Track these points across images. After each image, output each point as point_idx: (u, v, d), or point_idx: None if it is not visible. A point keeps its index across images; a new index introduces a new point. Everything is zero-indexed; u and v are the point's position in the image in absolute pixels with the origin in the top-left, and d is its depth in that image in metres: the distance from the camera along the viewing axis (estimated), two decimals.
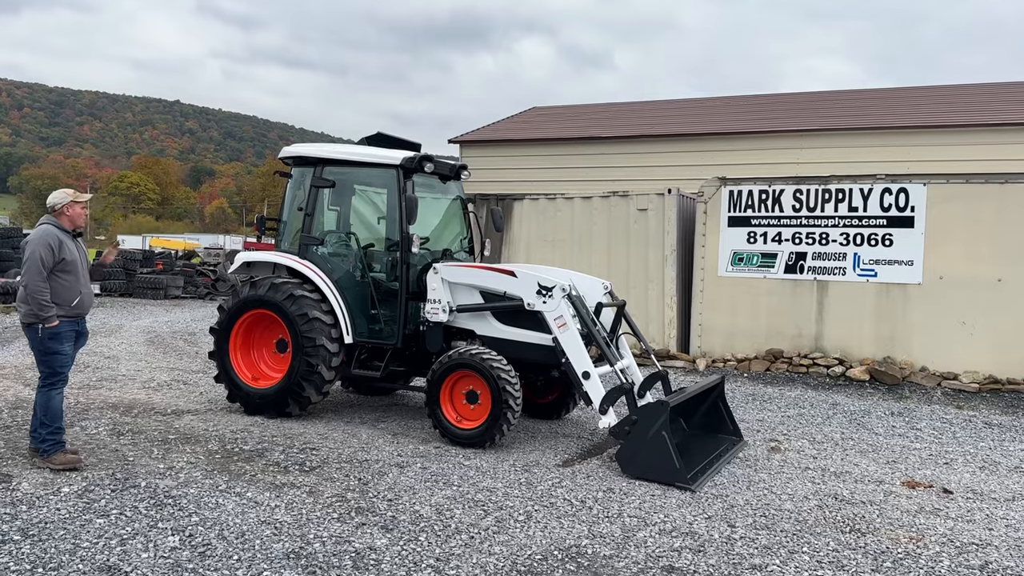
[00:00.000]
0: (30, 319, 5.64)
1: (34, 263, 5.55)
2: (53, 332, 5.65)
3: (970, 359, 10.53)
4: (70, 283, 5.73)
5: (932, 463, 7.03)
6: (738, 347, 12.02)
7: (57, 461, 5.69)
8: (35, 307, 5.58)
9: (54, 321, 5.62)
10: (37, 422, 5.78)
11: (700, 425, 7.34)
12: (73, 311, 5.77)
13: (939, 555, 4.77)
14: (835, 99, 20.79)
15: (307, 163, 8.00)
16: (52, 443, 5.74)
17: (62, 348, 5.74)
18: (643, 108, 23.06)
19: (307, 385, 7.40)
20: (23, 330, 5.81)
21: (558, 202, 13.69)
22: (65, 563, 4.14)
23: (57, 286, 5.65)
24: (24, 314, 5.68)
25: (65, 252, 5.68)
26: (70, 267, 5.73)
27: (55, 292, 5.64)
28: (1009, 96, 18.45)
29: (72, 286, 5.74)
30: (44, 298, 5.56)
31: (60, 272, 5.67)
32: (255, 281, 7.80)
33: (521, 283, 7.04)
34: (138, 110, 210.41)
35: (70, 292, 5.73)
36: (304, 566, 4.24)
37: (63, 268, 5.68)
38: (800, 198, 11.52)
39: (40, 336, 5.65)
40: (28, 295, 5.58)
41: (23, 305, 5.67)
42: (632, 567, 4.42)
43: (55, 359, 5.73)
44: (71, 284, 5.74)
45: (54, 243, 5.62)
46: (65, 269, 5.70)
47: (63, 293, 5.69)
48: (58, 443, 5.77)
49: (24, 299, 5.65)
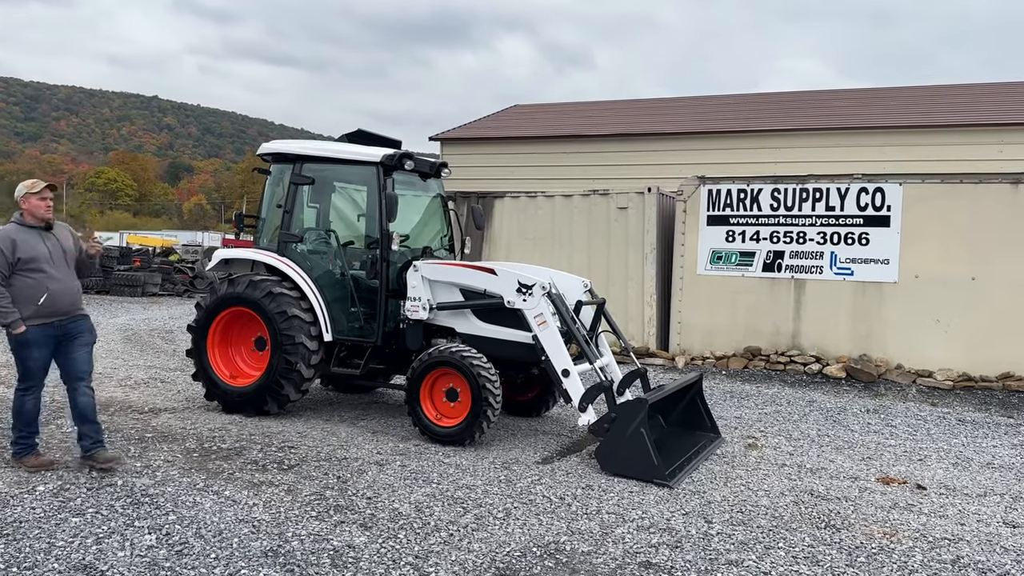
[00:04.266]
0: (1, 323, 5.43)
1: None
2: (22, 339, 5.43)
3: (944, 357, 10.68)
4: (36, 280, 5.42)
5: (906, 459, 7.13)
6: (717, 345, 12.10)
7: (29, 464, 5.63)
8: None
9: (19, 327, 5.37)
10: (11, 423, 5.73)
11: (678, 422, 7.39)
12: (43, 310, 5.44)
13: (912, 550, 4.84)
14: (813, 99, 20.96)
15: (286, 160, 7.96)
16: (23, 446, 5.66)
17: (31, 354, 5.49)
18: (624, 107, 23.13)
19: (286, 383, 7.37)
20: None
21: (539, 200, 13.71)
22: (40, 562, 4.11)
23: (22, 285, 5.38)
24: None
25: (22, 251, 5.38)
26: (32, 264, 5.41)
27: (20, 292, 5.37)
28: (984, 97, 18.69)
29: (37, 283, 5.42)
30: (3, 304, 5.33)
31: (22, 271, 5.39)
32: (233, 278, 7.75)
33: (501, 281, 7.05)
34: (115, 105, 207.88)
35: (34, 290, 5.41)
36: (282, 564, 4.23)
37: (24, 267, 5.39)
38: (778, 197, 11.62)
39: (12, 341, 5.49)
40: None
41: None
42: (610, 563, 4.45)
43: (26, 364, 5.54)
44: (36, 281, 5.42)
45: (5, 245, 5.36)
46: (27, 267, 5.40)
47: (28, 292, 5.40)
48: (29, 446, 5.68)
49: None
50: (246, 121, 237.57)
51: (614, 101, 24.60)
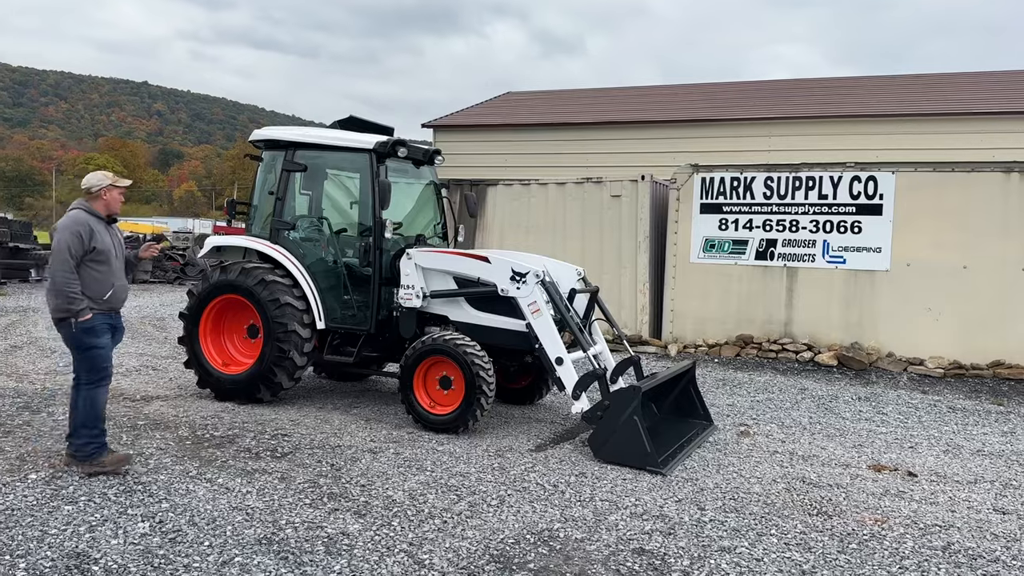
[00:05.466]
0: (61, 314, 5.18)
1: (61, 253, 5.11)
2: (87, 326, 5.20)
3: (936, 345, 10.74)
4: (103, 274, 5.29)
5: (897, 447, 7.17)
6: (709, 333, 12.13)
7: (108, 463, 5.30)
8: (64, 301, 5.13)
9: (87, 314, 5.17)
10: (78, 424, 5.30)
11: (671, 410, 7.41)
12: (105, 305, 5.32)
13: (903, 536, 4.87)
14: (807, 87, 20.96)
15: (278, 147, 7.91)
16: (97, 445, 5.31)
17: (99, 342, 5.28)
18: (617, 94, 23.07)
19: (279, 371, 7.35)
20: (55, 327, 5.34)
21: (532, 188, 13.69)
22: (33, 550, 4.09)
23: (88, 278, 5.21)
24: (54, 309, 5.21)
25: (97, 240, 5.21)
26: (103, 257, 5.26)
27: (85, 284, 5.18)
28: (975, 85, 18.72)
29: (104, 278, 5.30)
30: (73, 290, 5.11)
31: (91, 262, 5.22)
32: (225, 266, 7.72)
33: (495, 269, 7.04)
34: (104, 91, 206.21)
35: (102, 285, 5.28)
36: (276, 552, 4.23)
37: (95, 258, 5.23)
38: (771, 185, 11.63)
39: (74, 332, 5.19)
40: (56, 288, 5.13)
41: (53, 299, 5.19)
42: (603, 550, 4.46)
43: (94, 354, 5.27)
44: (103, 276, 5.29)
45: (84, 231, 5.16)
46: (97, 259, 5.24)
47: (94, 286, 5.24)
48: (103, 444, 5.36)
49: (53, 292, 5.18)
50: (237, 107, 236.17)
51: (607, 88, 24.54)
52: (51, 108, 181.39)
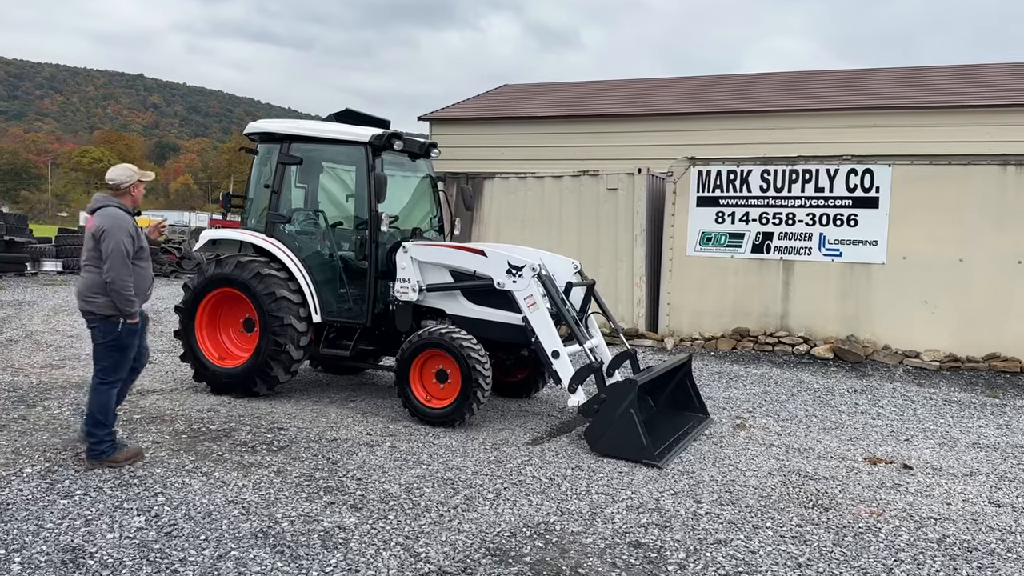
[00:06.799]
0: (108, 311, 5.21)
1: (119, 254, 5.14)
2: (134, 328, 5.32)
3: (931, 338, 10.75)
4: (144, 271, 5.40)
5: (893, 440, 7.18)
6: (706, 326, 12.14)
7: (122, 458, 5.34)
8: (119, 302, 5.18)
9: (137, 316, 5.28)
10: (92, 423, 5.32)
11: (667, 403, 7.42)
12: (144, 299, 5.46)
13: (899, 529, 4.89)
14: (803, 80, 20.95)
15: (274, 139, 7.88)
16: (109, 443, 5.34)
17: (132, 343, 5.39)
18: (613, 87, 23.05)
19: (275, 364, 7.34)
20: (91, 322, 5.31)
21: (528, 181, 13.67)
22: (28, 544, 4.09)
23: (136, 276, 5.29)
24: (101, 305, 5.22)
25: (140, 238, 5.32)
26: (144, 254, 5.38)
27: (134, 283, 5.27)
28: (973, 78, 18.71)
29: (146, 273, 5.44)
30: (130, 293, 5.19)
31: (136, 260, 5.31)
32: (221, 259, 7.70)
33: (491, 262, 7.03)
34: (100, 84, 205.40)
35: (144, 280, 5.42)
36: (272, 545, 4.23)
37: (139, 256, 5.33)
38: (768, 178, 11.62)
39: (119, 332, 5.26)
40: (117, 290, 5.16)
41: (99, 297, 5.20)
42: (600, 543, 4.47)
43: (128, 355, 5.38)
44: (144, 272, 5.42)
45: (132, 230, 5.22)
46: (141, 256, 5.34)
47: (139, 283, 5.34)
48: (114, 442, 5.40)
49: (101, 291, 5.20)
50: (233, 100, 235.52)
51: (603, 81, 24.52)
52: (46, 101, 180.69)
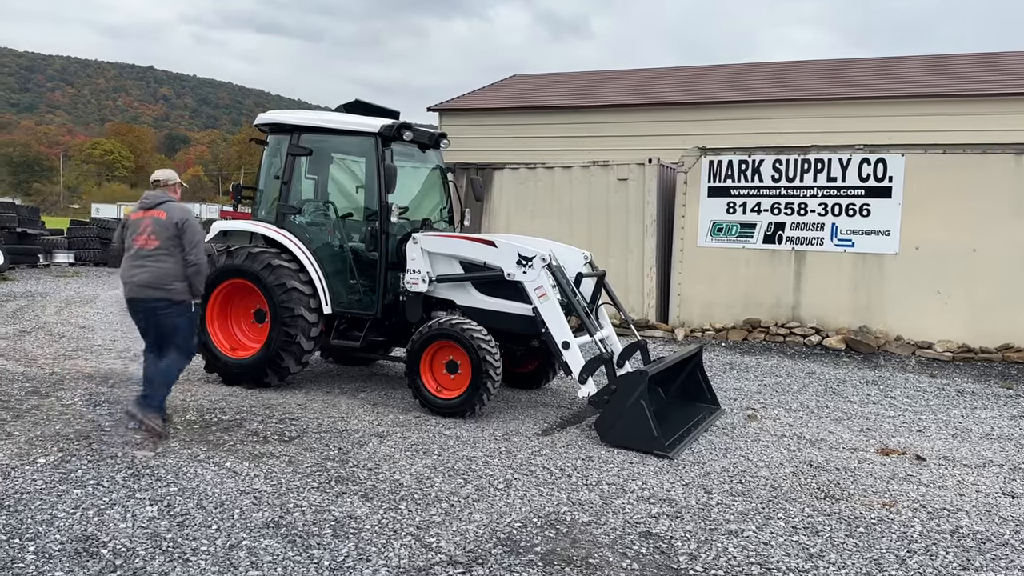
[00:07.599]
0: (183, 296, 5.84)
1: (202, 241, 5.89)
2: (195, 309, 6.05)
3: (944, 328, 10.68)
4: None
5: (905, 430, 7.15)
6: (716, 317, 12.10)
7: (157, 426, 5.80)
8: (200, 284, 5.92)
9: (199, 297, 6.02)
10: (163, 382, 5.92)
11: (678, 394, 7.40)
12: None
13: (911, 520, 4.86)
14: (815, 69, 20.78)
15: (283, 131, 7.88)
16: (161, 405, 5.95)
17: None
18: (624, 77, 22.93)
19: (286, 355, 7.36)
20: (166, 309, 5.85)
21: (538, 172, 13.63)
22: (42, 533, 4.12)
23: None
24: (178, 291, 5.81)
25: None
26: None
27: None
28: (986, 66, 18.53)
29: None
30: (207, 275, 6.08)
31: None
32: (232, 250, 7.72)
33: (501, 253, 7.02)
34: (111, 76, 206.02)
35: None
36: (284, 535, 4.24)
37: None
38: (779, 168, 11.55)
39: (192, 312, 5.97)
40: (200, 273, 5.87)
41: (176, 283, 5.79)
42: (610, 533, 4.47)
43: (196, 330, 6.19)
44: None
45: None
46: None
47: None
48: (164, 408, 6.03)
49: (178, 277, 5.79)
50: (243, 91, 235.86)
51: (613, 71, 24.41)
52: (58, 93, 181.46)
